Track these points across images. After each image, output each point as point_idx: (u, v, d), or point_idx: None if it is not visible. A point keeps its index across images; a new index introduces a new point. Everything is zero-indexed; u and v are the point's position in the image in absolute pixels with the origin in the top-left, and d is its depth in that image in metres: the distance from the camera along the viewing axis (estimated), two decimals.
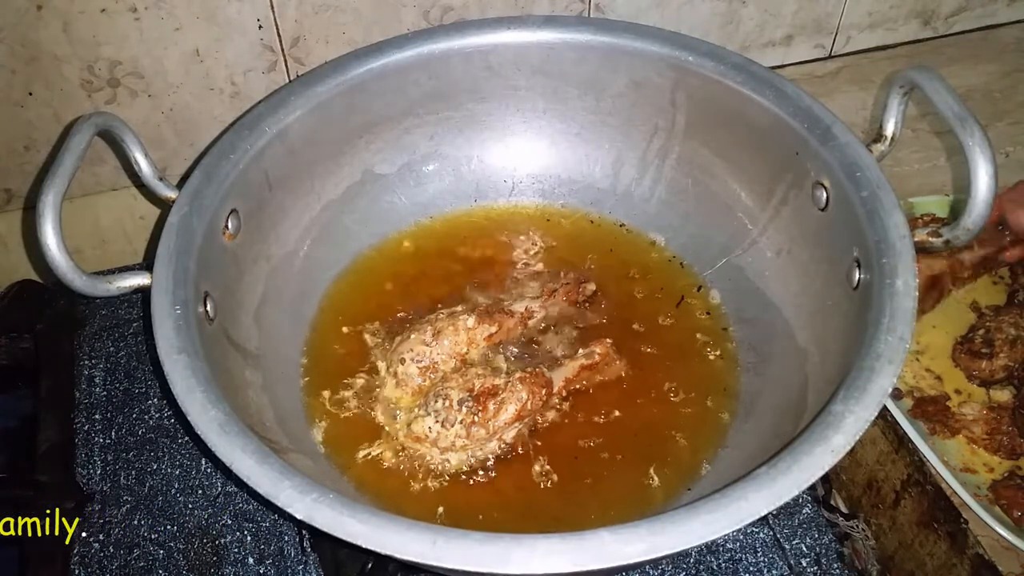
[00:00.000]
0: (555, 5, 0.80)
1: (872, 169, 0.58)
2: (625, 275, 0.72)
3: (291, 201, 0.68)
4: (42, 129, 0.74)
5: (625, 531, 0.41)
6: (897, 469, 0.63)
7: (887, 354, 0.48)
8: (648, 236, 0.75)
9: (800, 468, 0.44)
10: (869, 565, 0.64)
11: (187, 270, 0.55)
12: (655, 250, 0.74)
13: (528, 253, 0.75)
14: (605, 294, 0.71)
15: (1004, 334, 0.67)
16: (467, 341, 0.65)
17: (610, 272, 0.73)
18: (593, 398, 0.65)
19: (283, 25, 0.73)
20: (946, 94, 0.54)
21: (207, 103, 0.77)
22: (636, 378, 0.66)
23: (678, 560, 0.63)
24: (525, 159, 0.77)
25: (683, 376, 0.66)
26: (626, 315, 0.70)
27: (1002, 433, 0.64)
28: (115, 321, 0.78)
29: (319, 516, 0.43)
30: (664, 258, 0.73)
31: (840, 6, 0.89)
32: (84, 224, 0.82)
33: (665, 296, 0.71)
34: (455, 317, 0.65)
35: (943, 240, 0.55)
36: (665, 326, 0.69)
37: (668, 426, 0.63)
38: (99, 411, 0.72)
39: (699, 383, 0.65)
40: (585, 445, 0.62)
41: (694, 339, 0.68)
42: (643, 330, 0.69)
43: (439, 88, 0.72)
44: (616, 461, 0.61)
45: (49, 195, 0.53)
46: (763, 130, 0.65)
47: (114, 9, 0.68)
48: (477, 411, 0.59)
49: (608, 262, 0.73)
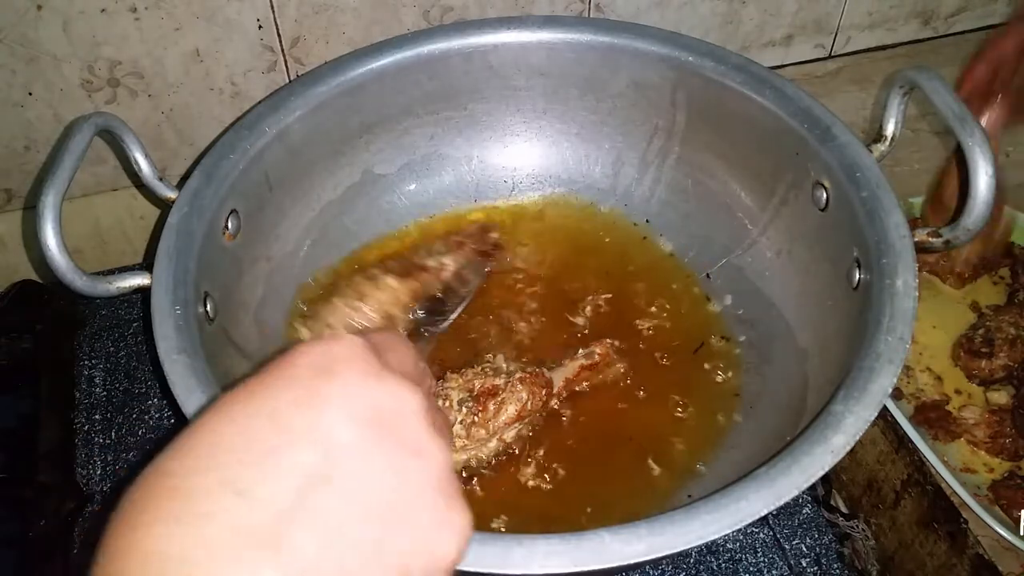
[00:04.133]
0: (555, 5, 0.80)
1: (872, 169, 0.58)
2: (625, 275, 0.72)
3: (291, 201, 0.68)
4: (42, 129, 0.74)
5: (625, 531, 0.42)
6: (897, 469, 0.63)
7: (887, 354, 0.48)
8: (648, 236, 0.75)
9: (800, 468, 0.44)
10: (869, 565, 0.64)
11: (187, 270, 0.55)
12: (655, 250, 0.74)
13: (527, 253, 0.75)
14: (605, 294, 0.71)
15: (1004, 334, 0.67)
16: (393, 300, 0.65)
17: (610, 272, 0.73)
18: (593, 398, 0.64)
19: (283, 25, 0.73)
20: (946, 94, 0.54)
21: (207, 103, 0.77)
22: (636, 378, 0.66)
23: (678, 560, 0.63)
24: (525, 159, 0.77)
25: (683, 376, 0.66)
26: (626, 316, 0.70)
27: (1004, 436, 0.64)
28: (115, 321, 0.78)
29: None
30: (664, 258, 0.73)
31: (840, 6, 0.88)
32: (84, 224, 0.82)
33: (665, 296, 0.71)
34: (376, 279, 0.65)
35: (943, 240, 0.55)
36: (665, 326, 0.69)
37: (667, 427, 0.63)
38: (99, 411, 0.72)
39: (699, 383, 0.65)
40: (585, 446, 0.62)
41: (693, 339, 0.68)
42: (643, 330, 0.69)
43: (439, 88, 0.72)
44: (616, 462, 0.61)
45: (49, 195, 0.53)
46: (763, 130, 0.65)
47: (114, 9, 0.68)
48: (477, 411, 0.59)
49: (608, 262, 0.73)
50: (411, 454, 0.28)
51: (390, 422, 0.28)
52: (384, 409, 0.28)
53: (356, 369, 0.29)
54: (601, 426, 0.63)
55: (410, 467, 0.28)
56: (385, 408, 0.29)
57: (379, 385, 0.29)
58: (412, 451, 0.28)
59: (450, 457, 0.30)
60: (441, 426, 0.31)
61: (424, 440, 0.29)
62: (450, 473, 0.30)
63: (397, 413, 0.29)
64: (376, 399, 0.29)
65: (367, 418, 0.28)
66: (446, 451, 0.30)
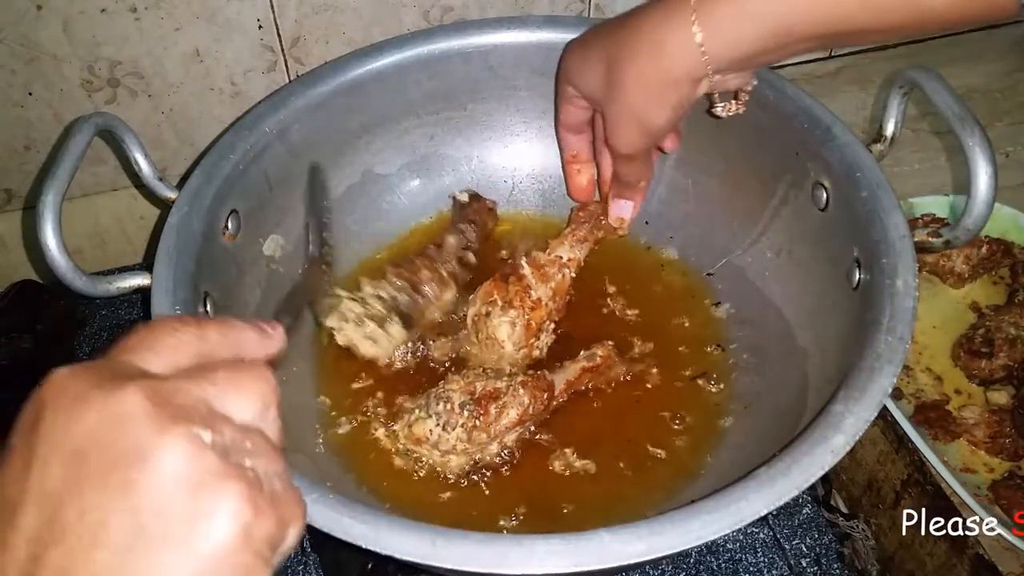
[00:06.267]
0: (555, 5, 0.80)
1: (872, 169, 0.58)
2: (625, 275, 0.72)
3: (291, 201, 0.68)
4: (42, 129, 0.74)
5: (625, 531, 0.41)
6: (897, 469, 0.63)
7: (887, 354, 0.48)
8: (648, 236, 0.74)
9: (800, 468, 0.44)
10: (869, 565, 0.64)
11: (187, 270, 0.55)
12: (655, 250, 0.74)
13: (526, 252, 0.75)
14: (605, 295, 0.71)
15: (1004, 334, 0.67)
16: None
17: (610, 272, 0.72)
18: (593, 400, 0.64)
19: (283, 25, 0.73)
20: (946, 94, 0.54)
21: (207, 103, 0.77)
22: (635, 379, 0.66)
23: (678, 560, 0.63)
24: (525, 159, 0.77)
25: (683, 376, 0.66)
26: (626, 316, 0.70)
27: (1004, 436, 0.64)
28: (115, 321, 0.78)
29: (319, 516, 0.43)
30: (664, 258, 0.73)
31: None
32: (84, 224, 0.82)
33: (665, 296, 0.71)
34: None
35: (943, 240, 0.55)
36: (665, 327, 0.69)
37: (668, 427, 0.63)
38: None
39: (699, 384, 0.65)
40: (585, 447, 0.62)
41: (694, 339, 0.68)
42: (643, 331, 0.69)
43: (439, 88, 0.72)
44: (616, 462, 0.61)
45: (49, 195, 0.53)
46: (763, 130, 0.65)
47: (114, 9, 0.68)
48: (478, 415, 0.58)
49: (607, 262, 0.73)
50: (134, 465, 0.25)
51: (101, 442, 0.25)
52: (91, 431, 0.25)
53: (61, 404, 0.26)
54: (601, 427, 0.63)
55: (137, 481, 0.25)
56: (91, 429, 0.25)
57: (84, 407, 0.26)
58: (134, 462, 0.25)
59: (197, 439, 0.26)
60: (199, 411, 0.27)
61: (146, 444, 0.25)
62: (200, 456, 0.26)
63: (109, 427, 0.25)
64: (82, 425, 0.26)
65: (71, 450, 0.25)
66: (188, 438, 0.26)
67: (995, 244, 0.73)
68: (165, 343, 0.29)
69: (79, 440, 0.25)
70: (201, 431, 0.26)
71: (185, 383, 0.28)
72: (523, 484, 0.60)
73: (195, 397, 0.27)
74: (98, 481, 0.25)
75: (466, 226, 0.71)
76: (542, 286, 0.65)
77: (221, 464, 0.26)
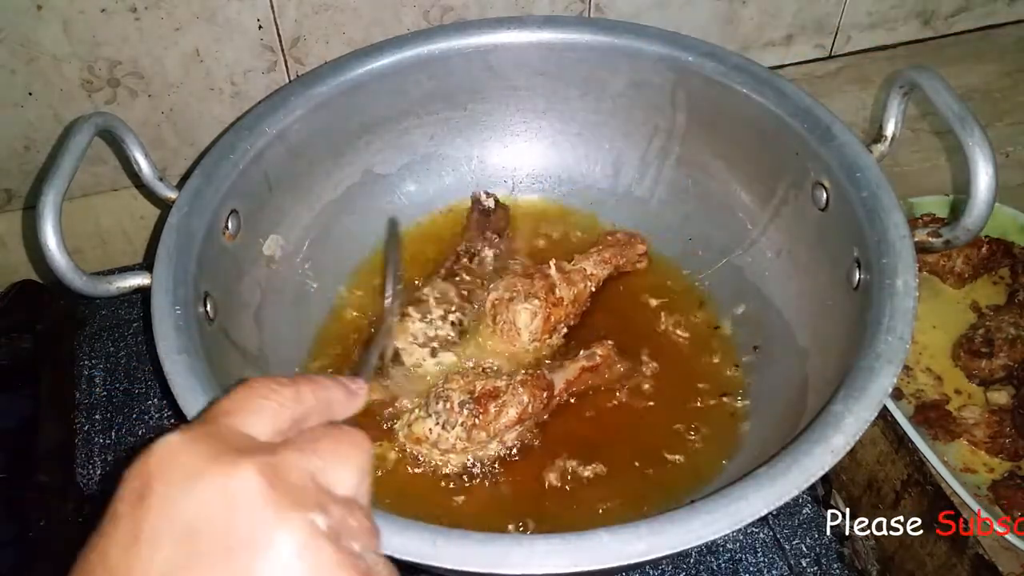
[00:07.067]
0: (555, 5, 0.80)
1: (872, 169, 0.58)
2: (625, 275, 0.72)
3: (291, 201, 0.68)
4: (42, 129, 0.74)
5: (625, 531, 0.42)
6: (897, 469, 0.63)
7: (887, 354, 0.48)
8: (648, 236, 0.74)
9: (800, 468, 0.44)
10: (869, 565, 0.64)
11: (187, 270, 0.55)
12: (655, 250, 0.74)
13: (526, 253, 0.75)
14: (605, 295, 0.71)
15: (1004, 334, 0.67)
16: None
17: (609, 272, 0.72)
18: (593, 400, 0.64)
19: (283, 25, 0.73)
20: (946, 94, 0.54)
21: (207, 103, 0.77)
22: (635, 379, 0.66)
23: (678, 560, 0.63)
24: (525, 159, 0.77)
25: (683, 377, 0.66)
26: (626, 316, 0.70)
27: (1004, 436, 0.64)
28: (115, 321, 0.78)
29: None
30: (664, 258, 0.73)
31: (840, 6, 0.88)
32: (84, 224, 0.82)
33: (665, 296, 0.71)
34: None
35: (943, 240, 0.55)
36: (665, 327, 0.69)
37: (668, 427, 0.63)
38: (99, 411, 0.72)
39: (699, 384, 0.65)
40: (585, 447, 0.62)
41: (694, 339, 0.68)
42: (643, 331, 0.69)
43: (439, 88, 0.72)
44: (616, 462, 0.61)
45: (49, 195, 0.53)
46: (763, 130, 0.65)
47: (114, 9, 0.68)
48: (478, 414, 0.59)
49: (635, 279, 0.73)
50: (251, 552, 0.25)
51: (216, 523, 0.25)
52: (205, 510, 0.25)
53: (173, 479, 0.26)
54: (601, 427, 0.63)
55: (254, 569, 0.25)
56: (206, 508, 0.25)
57: (198, 483, 0.25)
58: (252, 548, 0.25)
59: (313, 526, 0.25)
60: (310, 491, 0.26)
61: (264, 530, 0.25)
62: (317, 546, 0.25)
63: (225, 508, 0.25)
64: (196, 502, 0.25)
65: (184, 529, 0.25)
66: (304, 525, 0.25)
67: (995, 244, 0.73)
68: (266, 407, 0.29)
69: (192, 519, 0.25)
70: (316, 516, 0.26)
71: (294, 456, 0.27)
72: (520, 485, 0.60)
73: (305, 473, 0.27)
74: (213, 565, 0.25)
75: (492, 235, 0.73)
76: (566, 288, 0.67)
77: (336, 555, 0.26)
